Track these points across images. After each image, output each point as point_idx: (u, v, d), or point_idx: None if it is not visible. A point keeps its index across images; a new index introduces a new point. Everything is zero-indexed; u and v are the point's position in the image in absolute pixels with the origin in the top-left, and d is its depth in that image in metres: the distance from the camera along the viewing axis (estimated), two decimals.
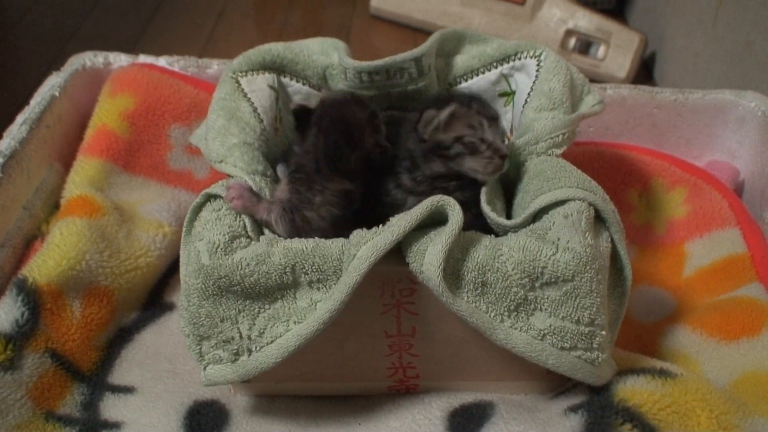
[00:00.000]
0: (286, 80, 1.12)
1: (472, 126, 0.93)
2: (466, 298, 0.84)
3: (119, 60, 1.37)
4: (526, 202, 0.91)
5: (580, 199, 0.88)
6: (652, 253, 1.24)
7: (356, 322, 0.90)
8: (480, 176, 0.93)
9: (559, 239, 0.85)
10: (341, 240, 0.86)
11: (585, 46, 1.96)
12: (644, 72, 1.97)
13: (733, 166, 1.34)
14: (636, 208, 1.28)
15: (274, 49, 1.11)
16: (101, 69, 1.36)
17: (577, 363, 0.86)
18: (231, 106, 1.03)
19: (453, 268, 0.84)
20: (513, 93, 1.11)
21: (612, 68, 1.91)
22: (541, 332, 0.85)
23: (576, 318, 0.85)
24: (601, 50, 1.94)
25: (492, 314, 0.85)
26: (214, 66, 1.35)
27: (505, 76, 1.11)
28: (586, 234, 0.85)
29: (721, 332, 1.04)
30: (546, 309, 0.85)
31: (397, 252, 0.85)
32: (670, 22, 1.87)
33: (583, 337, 0.85)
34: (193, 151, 1.28)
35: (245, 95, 1.06)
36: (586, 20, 1.96)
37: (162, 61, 1.36)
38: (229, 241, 0.86)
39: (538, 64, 1.07)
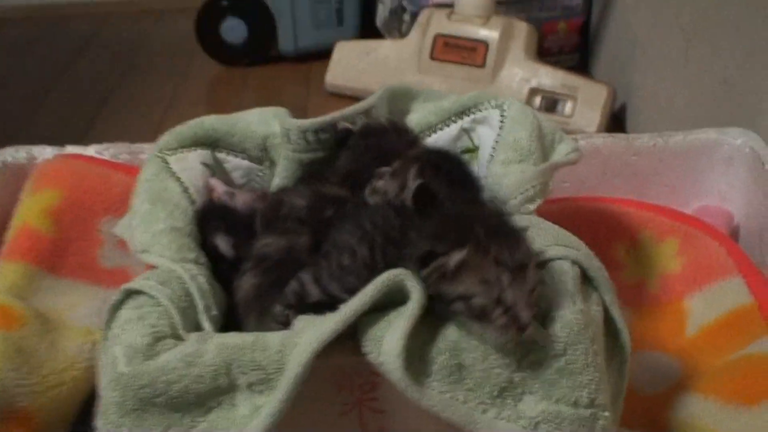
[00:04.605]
0: (222, 156, 1.02)
1: (486, 281, 0.70)
2: (438, 387, 0.71)
3: (44, 153, 1.26)
4: None
5: (561, 258, 0.78)
6: (648, 314, 1.15)
7: (311, 430, 0.77)
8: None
9: (543, 307, 0.74)
10: (283, 332, 0.73)
11: (551, 103, 1.90)
12: (616, 126, 1.91)
13: (725, 210, 1.26)
14: (625, 265, 1.19)
15: (207, 122, 1.02)
16: (24, 164, 1.24)
17: None
18: (157, 188, 0.93)
19: (420, 352, 0.71)
20: (477, 148, 1.03)
21: (581, 124, 1.84)
22: (533, 421, 0.72)
23: (573, 399, 0.72)
24: (568, 107, 1.88)
25: (472, 404, 0.72)
26: (146, 150, 1.24)
27: (466, 131, 1.04)
28: (575, 298, 0.75)
29: (738, 397, 0.93)
30: (536, 392, 0.73)
31: (355, 339, 0.73)
32: (638, 70, 1.81)
33: (584, 422, 0.73)
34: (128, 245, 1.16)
35: (174, 174, 0.95)
36: (549, 77, 1.90)
37: (91, 150, 1.25)
38: (151, 344, 0.74)
39: (501, 115, 1.00)
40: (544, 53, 2.10)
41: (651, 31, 1.73)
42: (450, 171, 0.89)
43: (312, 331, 0.69)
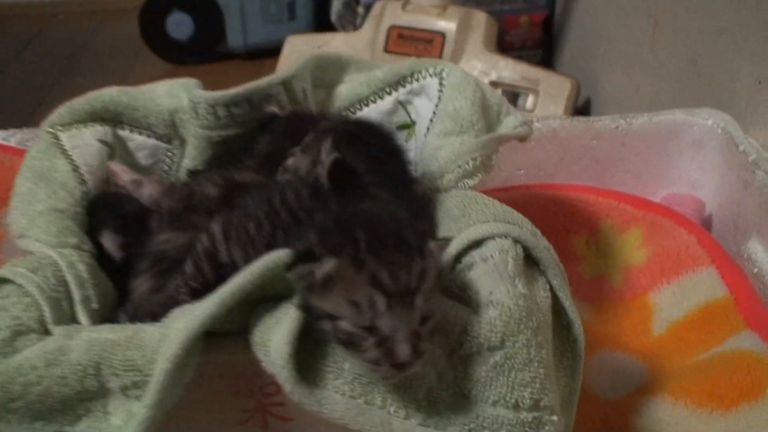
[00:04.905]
0: (125, 133, 0.91)
1: (356, 303, 0.57)
2: (348, 391, 0.59)
3: None
4: None
5: (501, 236, 0.67)
6: (610, 311, 1.07)
7: None
8: None
9: (478, 292, 0.64)
10: (163, 325, 0.61)
11: (512, 98, 1.81)
12: None
13: (696, 197, 1.18)
14: (584, 257, 1.11)
15: (107, 94, 0.91)
16: None
17: None
18: (42, 167, 0.82)
19: (323, 350, 0.59)
20: (414, 123, 0.93)
21: None
22: (465, 427, 0.61)
23: (513, 401, 0.61)
24: (530, 101, 1.79)
25: (391, 408, 0.60)
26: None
27: (402, 104, 0.95)
28: (516, 281, 0.65)
29: (713, 400, 0.87)
30: (469, 392, 0.62)
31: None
32: (603, 62, 1.74)
33: (527, 427, 0.62)
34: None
35: (64, 152, 0.84)
36: (510, 70, 1.81)
37: None
38: (10, 338, 0.63)
39: (440, 83, 0.90)
40: (506, 48, 2.02)
41: (617, 18, 1.67)
42: (370, 143, 0.78)
43: (184, 319, 0.57)
